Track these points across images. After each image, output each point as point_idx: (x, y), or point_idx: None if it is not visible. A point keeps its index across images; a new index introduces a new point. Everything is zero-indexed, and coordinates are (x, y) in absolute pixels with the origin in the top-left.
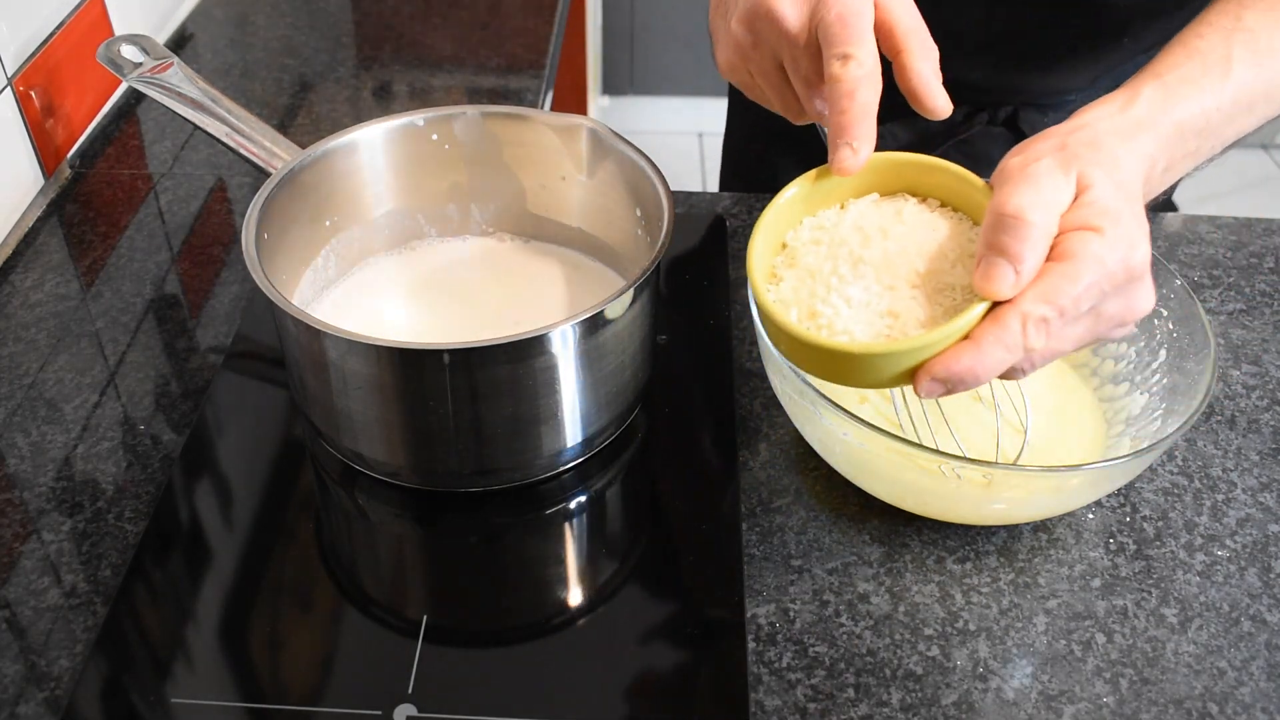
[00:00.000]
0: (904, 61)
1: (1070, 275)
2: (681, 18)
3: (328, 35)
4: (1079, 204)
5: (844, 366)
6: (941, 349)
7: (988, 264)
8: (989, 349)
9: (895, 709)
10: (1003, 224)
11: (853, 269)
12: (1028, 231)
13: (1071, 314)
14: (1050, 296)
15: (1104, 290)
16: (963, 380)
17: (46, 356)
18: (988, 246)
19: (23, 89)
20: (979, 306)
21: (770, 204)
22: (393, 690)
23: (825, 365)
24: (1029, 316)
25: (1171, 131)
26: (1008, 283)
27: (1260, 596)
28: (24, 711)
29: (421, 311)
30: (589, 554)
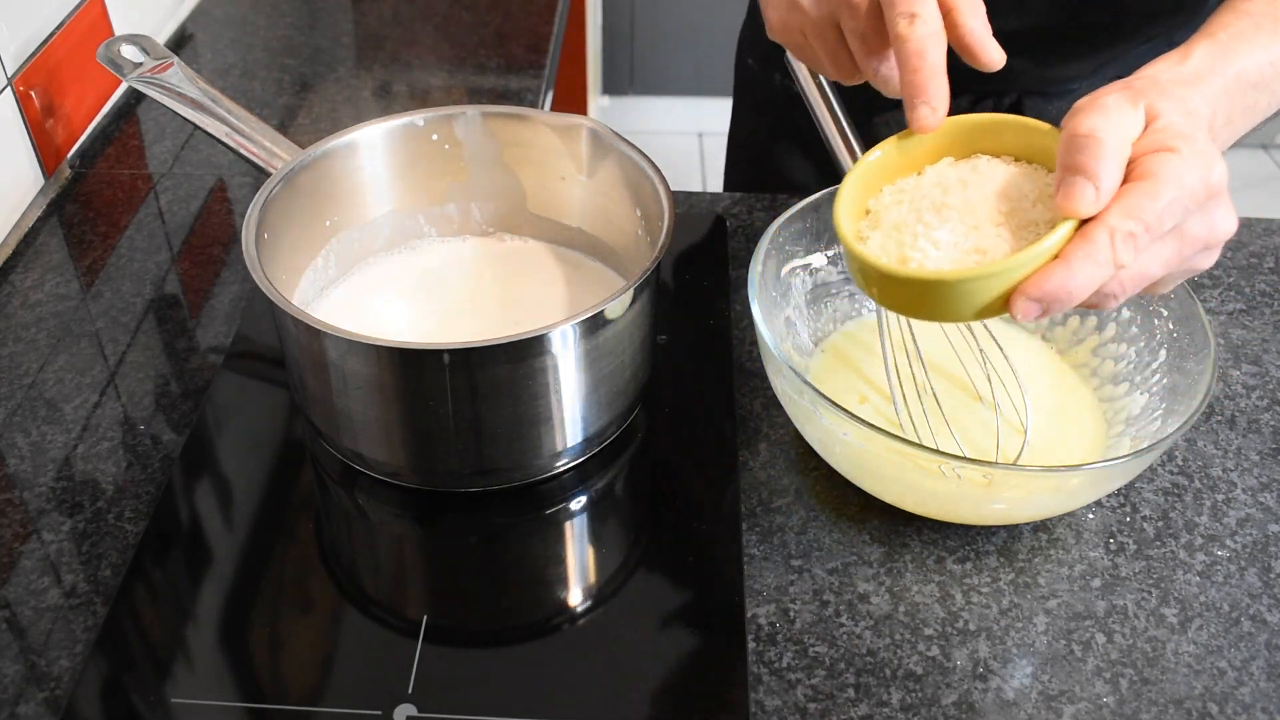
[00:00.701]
0: (955, 19)
1: (1151, 192)
2: (681, 18)
3: (328, 35)
4: (1150, 130)
5: (941, 297)
6: (1032, 269)
7: (1067, 184)
8: (1078, 265)
9: (895, 709)
10: (1076, 144)
11: (937, 215)
12: (1101, 149)
13: (1157, 230)
14: (1134, 212)
15: (1186, 207)
16: (1056, 298)
17: (46, 356)
18: (1064, 168)
19: (23, 89)
20: (1065, 225)
21: (851, 170)
22: (393, 690)
23: (922, 300)
24: (1115, 231)
25: (1230, 82)
26: (1088, 199)
27: (1260, 596)
28: (24, 711)
29: (421, 311)
30: (589, 554)
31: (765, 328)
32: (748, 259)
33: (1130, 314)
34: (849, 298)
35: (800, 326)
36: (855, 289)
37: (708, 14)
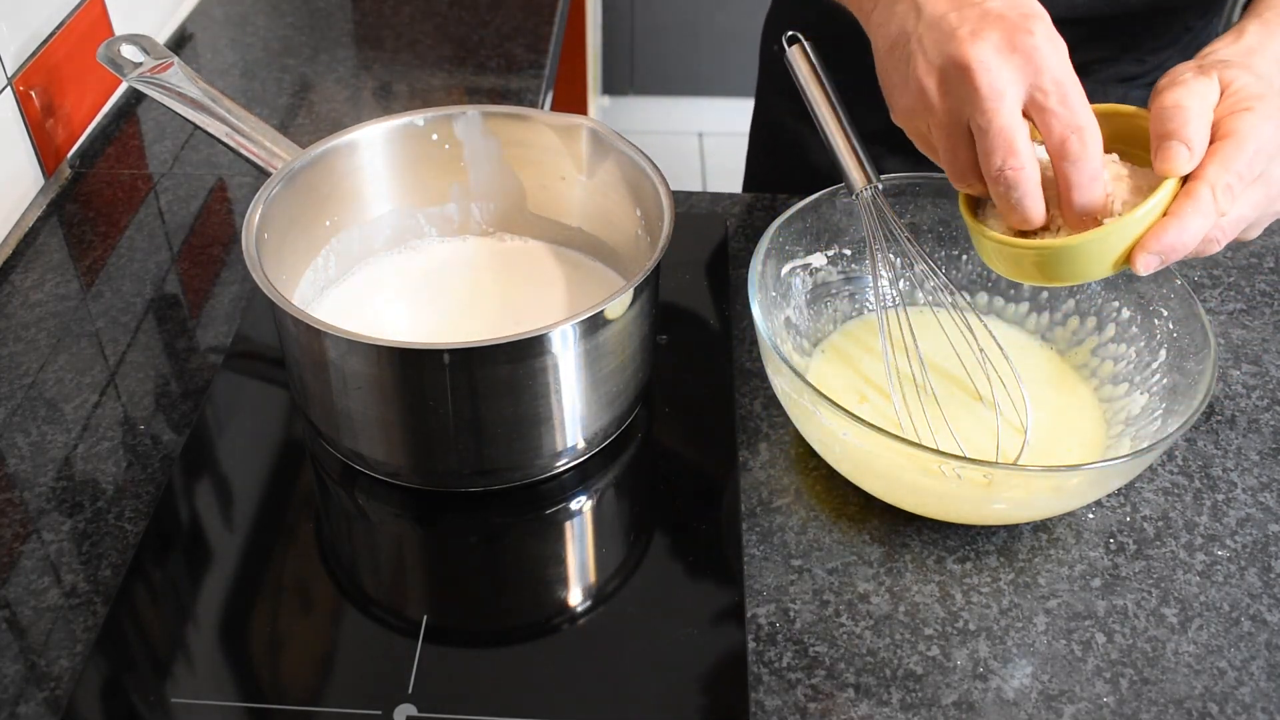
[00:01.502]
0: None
1: (1237, 145)
2: (681, 18)
3: (328, 35)
4: (1226, 95)
5: (1068, 260)
6: (1145, 227)
7: (1163, 149)
8: (1189, 218)
9: (895, 709)
10: (1166, 114)
11: None
12: (1188, 115)
13: (1247, 177)
14: (1227, 165)
15: (1269, 154)
16: (1173, 249)
17: (46, 356)
18: (1158, 136)
19: (23, 89)
20: (1167, 185)
21: None
22: (393, 690)
23: (1049, 266)
24: (1215, 185)
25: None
26: (1183, 158)
27: (1260, 596)
28: (24, 711)
29: (421, 311)
30: (589, 554)
31: (765, 328)
32: (748, 259)
33: (1130, 314)
34: (849, 298)
35: (800, 326)
36: (855, 289)
37: (708, 14)
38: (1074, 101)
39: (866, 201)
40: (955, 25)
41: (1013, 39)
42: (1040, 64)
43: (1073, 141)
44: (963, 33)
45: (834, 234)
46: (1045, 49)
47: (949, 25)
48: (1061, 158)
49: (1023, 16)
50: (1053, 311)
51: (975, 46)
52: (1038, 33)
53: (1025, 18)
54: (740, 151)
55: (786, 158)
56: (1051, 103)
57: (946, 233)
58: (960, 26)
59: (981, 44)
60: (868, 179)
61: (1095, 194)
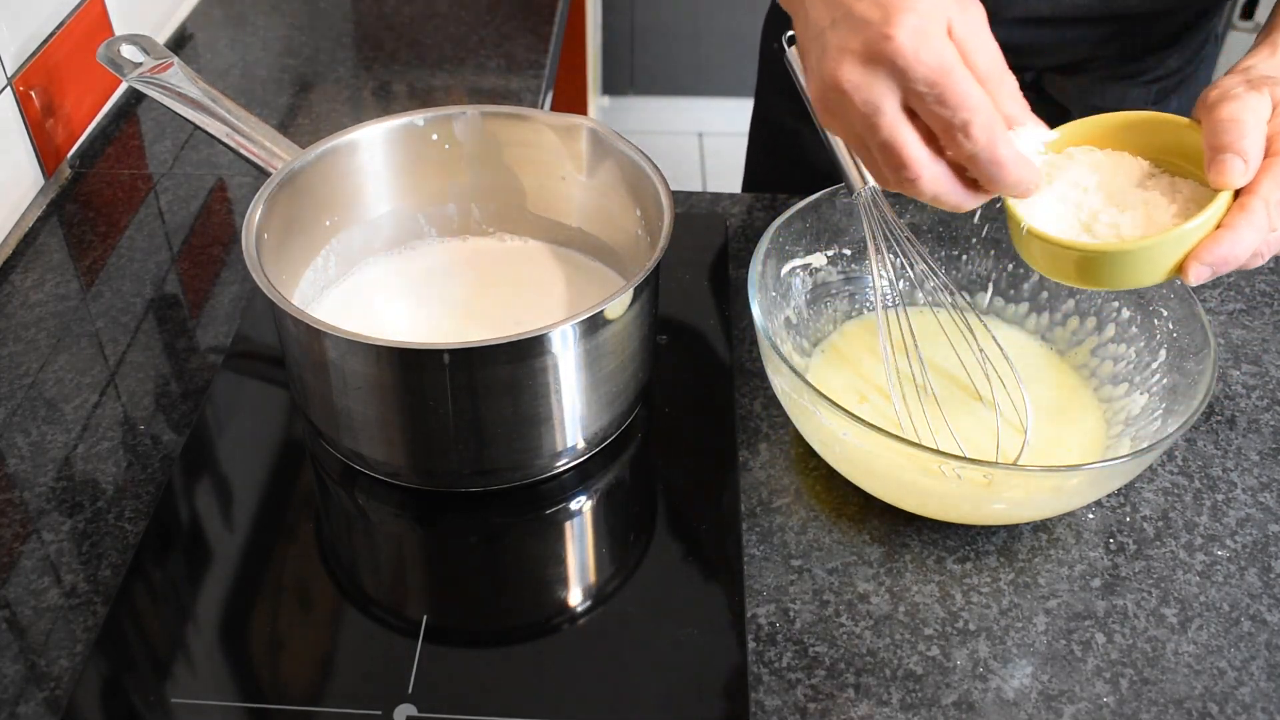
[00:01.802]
0: None
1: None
2: (681, 18)
3: (328, 35)
4: (1278, 112)
5: (1118, 265)
6: (1199, 238)
7: (1218, 161)
8: (1243, 231)
9: (895, 709)
10: (1222, 127)
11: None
12: (1244, 129)
13: None
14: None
15: None
16: (1225, 262)
17: (46, 356)
18: (1214, 149)
19: (23, 89)
20: (1222, 196)
21: None
22: (393, 690)
23: (1097, 270)
24: (1269, 200)
25: None
26: (1238, 171)
27: (1260, 596)
28: (24, 711)
29: (422, 311)
30: (589, 554)
31: (765, 328)
32: (748, 259)
33: (1130, 314)
34: (849, 298)
35: (800, 326)
36: (855, 289)
37: (708, 14)
38: (952, 97)
39: (866, 201)
40: (827, 40)
41: (872, 50)
42: (906, 67)
43: (960, 139)
44: (831, 50)
45: (834, 234)
46: (907, 50)
47: (824, 41)
48: (958, 155)
49: (884, 17)
50: (1053, 311)
51: (842, 66)
52: (897, 35)
53: (886, 18)
54: (740, 151)
55: (786, 157)
56: (929, 104)
57: (946, 233)
58: (830, 41)
59: (847, 62)
60: (866, 179)
61: (1010, 176)
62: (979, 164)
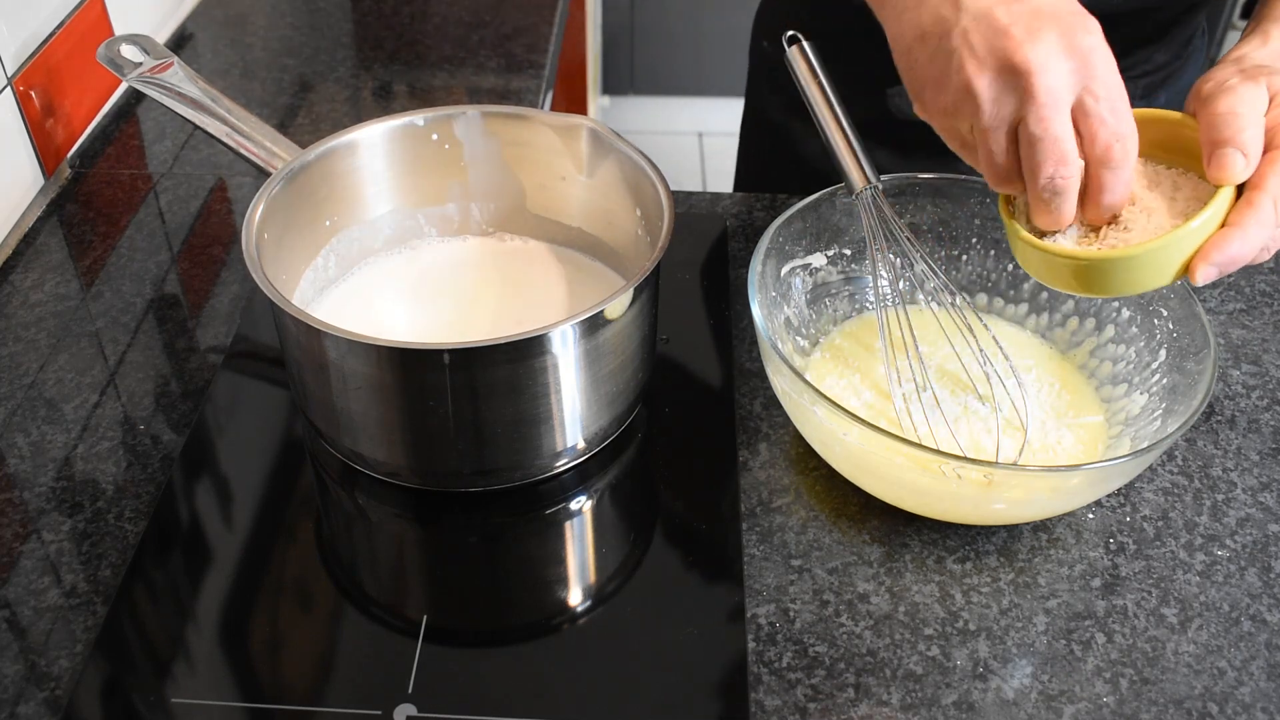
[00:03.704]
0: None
1: None
2: (681, 18)
3: (328, 35)
4: (1275, 103)
5: (1123, 271)
6: (1204, 237)
7: (1218, 156)
8: (1252, 230)
9: (895, 709)
10: (1219, 121)
11: None
12: (1241, 122)
13: None
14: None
15: None
16: (1234, 260)
17: (46, 356)
18: (1212, 144)
19: (23, 89)
20: (1224, 193)
21: None
22: (393, 690)
23: (1102, 277)
24: (1276, 195)
25: None
26: (1239, 166)
27: (1260, 596)
28: (24, 711)
29: (421, 311)
30: (589, 554)
31: (765, 328)
32: (748, 259)
33: (1130, 314)
34: (849, 298)
35: (800, 326)
36: (855, 289)
37: (708, 14)
38: (1121, 109)
39: (866, 201)
40: (1007, 23)
41: (1071, 40)
42: (1095, 68)
43: (1116, 149)
44: (1017, 31)
45: (834, 234)
46: (1101, 52)
47: (999, 22)
48: (1103, 164)
49: (1075, 15)
50: (1052, 312)
51: (1034, 48)
52: (1094, 34)
53: (1079, 16)
54: None
55: (777, 150)
56: (1102, 109)
57: (946, 233)
58: (1013, 24)
59: (1040, 45)
60: (867, 179)
61: (1124, 197)
62: (1115, 178)
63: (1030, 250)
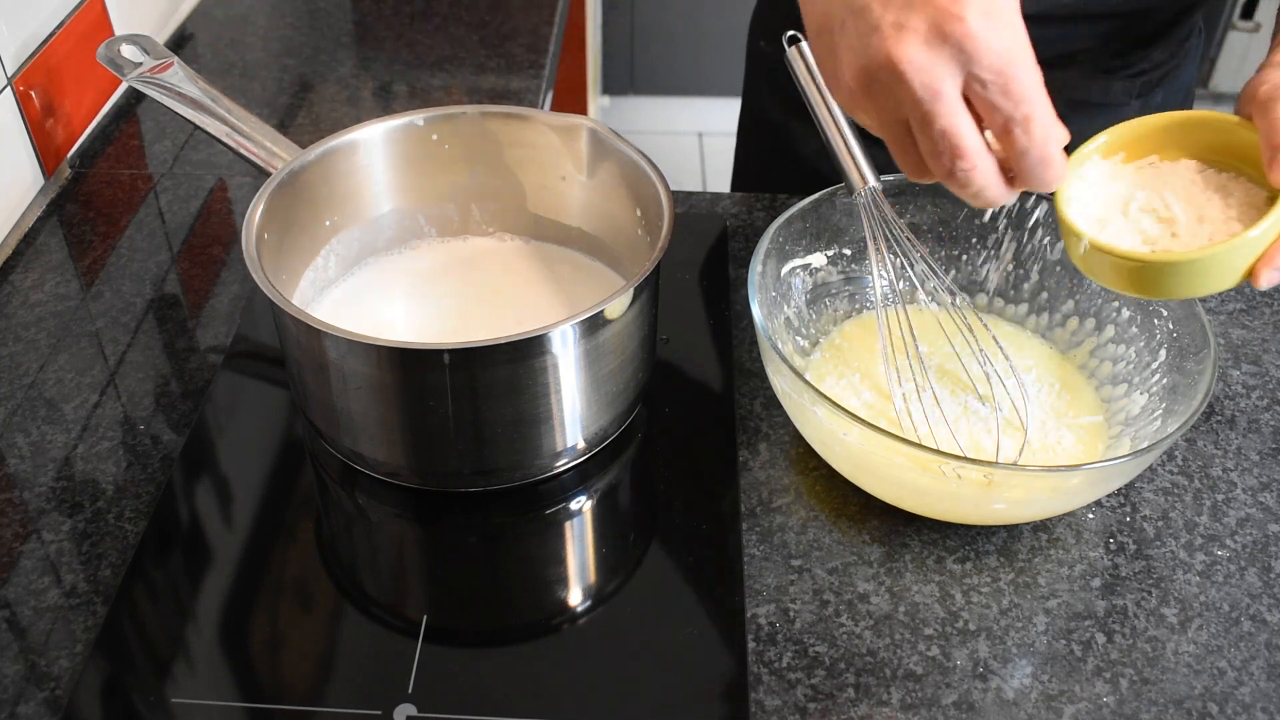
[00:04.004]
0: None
1: None
2: (681, 18)
3: (328, 35)
4: None
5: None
6: (1268, 242)
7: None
8: None
9: (895, 709)
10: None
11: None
12: None
13: None
14: None
15: None
16: None
17: (46, 356)
18: (1273, 148)
19: (23, 89)
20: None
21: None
22: (393, 690)
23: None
24: None
25: None
26: None
27: (1260, 596)
28: (24, 711)
29: (422, 311)
30: (589, 554)
31: (765, 328)
32: (748, 259)
33: (1130, 314)
34: (849, 297)
35: (800, 326)
36: (855, 289)
37: (708, 14)
38: (1017, 89)
39: (866, 201)
40: (879, 16)
41: (941, 28)
42: (974, 52)
43: (1018, 134)
44: (886, 26)
45: (834, 234)
46: (980, 34)
47: (872, 17)
48: (1007, 149)
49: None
50: (1052, 312)
51: (902, 44)
52: (969, 16)
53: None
54: None
55: (774, 150)
56: (991, 94)
57: (946, 233)
58: (883, 18)
59: (908, 39)
60: (866, 179)
61: (1047, 177)
62: (1027, 160)
63: (1091, 252)
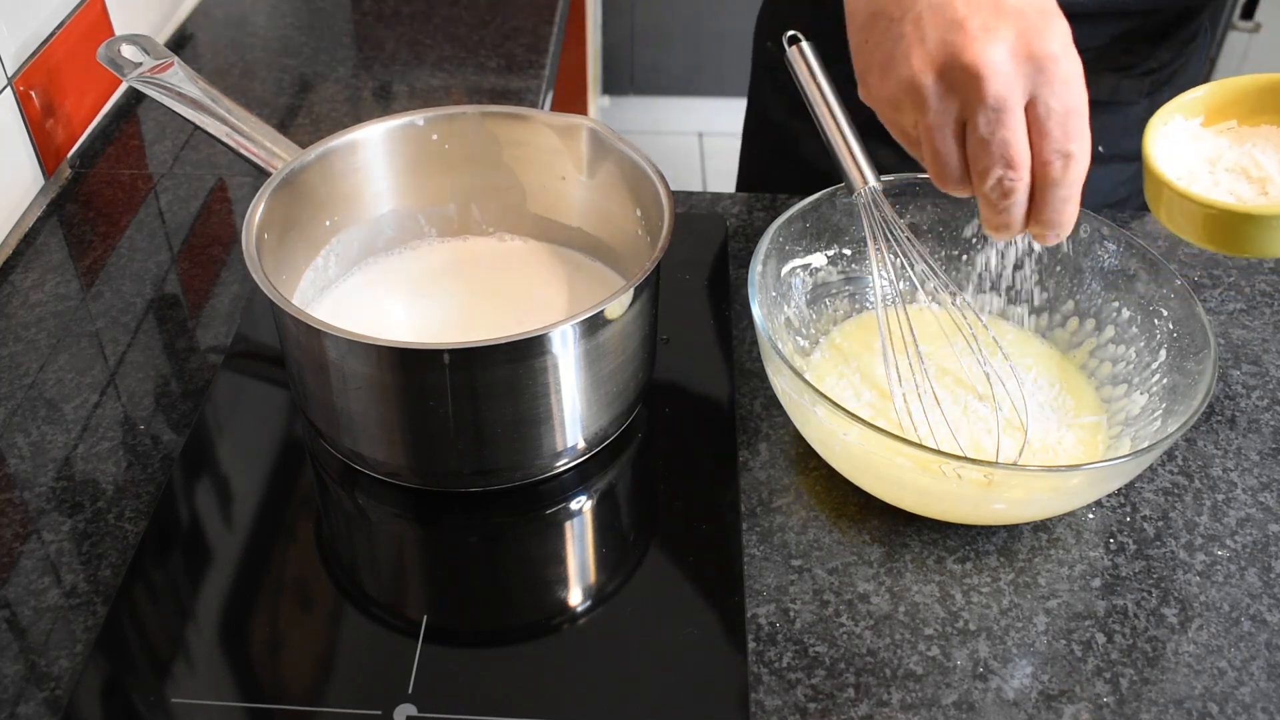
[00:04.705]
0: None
1: None
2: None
3: (328, 35)
4: None
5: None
6: None
7: None
8: None
9: (895, 709)
10: None
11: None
12: None
13: None
14: None
15: None
16: None
17: (46, 356)
18: None
19: (23, 89)
20: None
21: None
22: (393, 690)
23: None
24: None
25: None
26: None
27: (1260, 596)
28: (24, 711)
29: (422, 311)
30: (589, 554)
31: (765, 328)
32: (748, 259)
33: (1130, 314)
34: (849, 297)
35: (800, 326)
36: (855, 289)
37: (708, 14)
38: (1073, 125)
39: (866, 201)
40: (963, 15)
41: (1029, 43)
42: (1053, 77)
43: (1056, 166)
44: (972, 26)
45: (834, 234)
46: (1062, 61)
47: (956, 13)
48: (1041, 177)
49: (1042, 16)
50: (1052, 312)
51: (988, 48)
52: (1056, 40)
53: (1045, 17)
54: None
55: (779, 150)
56: (1051, 123)
57: (946, 233)
58: (970, 17)
59: (994, 45)
60: (866, 179)
61: (1061, 217)
62: (1055, 194)
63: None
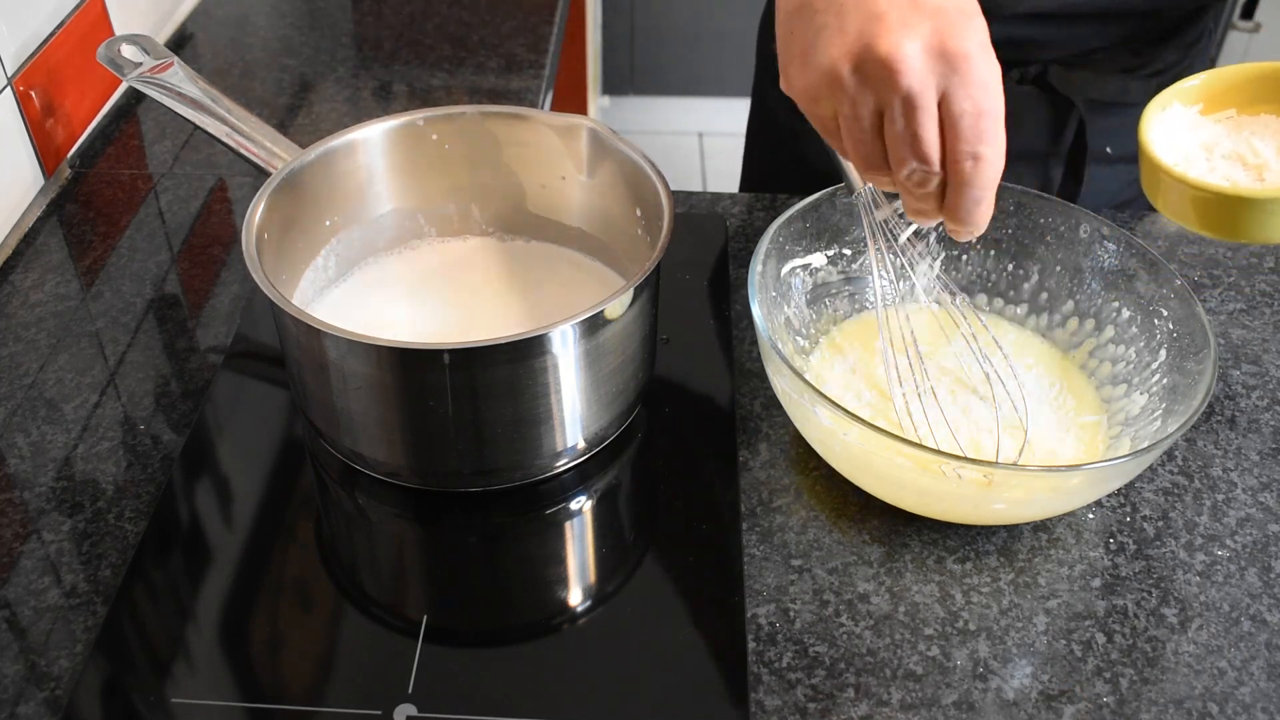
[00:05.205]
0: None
1: None
2: (681, 18)
3: (328, 35)
4: None
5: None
6: None
7: None
8: None
9: (895, 709)
10: None
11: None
12: None
13: None
14: None
15: None
16: None
17: (46, 356)
18: None
19: (23, 89)
20: None
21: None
22: (393, 690)
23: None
24: None
25: None
26: None
27: (1260, 596)
28: (24, 711)
29: (422, 311)
30: (589, 554)
31: (765, 328)
32: (748, 259)
33: (1130, 314)
34: (849, 297)
35: (800, 326)
36: (855, 289)
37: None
38: (984, 127)
39: (866, 201)
40: (884, 9)
41: (944, 40)
42: (967, 77)
43: (966, 165)
44: (891, 20)
45: (834, 234)
46: (976, 60)
47: (876, 6)
48: (952, 174)
49: (961, 14)
50: (1052, 312)
51: (903, 41)
52: (972, 40)
53: (964, 16)
54: (740, 152)
55: (784, 156)
56: (963, 120)
57: (946, 232)
58: (890, 11)
59: (910, 39)
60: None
61: (972, 217)
62: (966, 193)
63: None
